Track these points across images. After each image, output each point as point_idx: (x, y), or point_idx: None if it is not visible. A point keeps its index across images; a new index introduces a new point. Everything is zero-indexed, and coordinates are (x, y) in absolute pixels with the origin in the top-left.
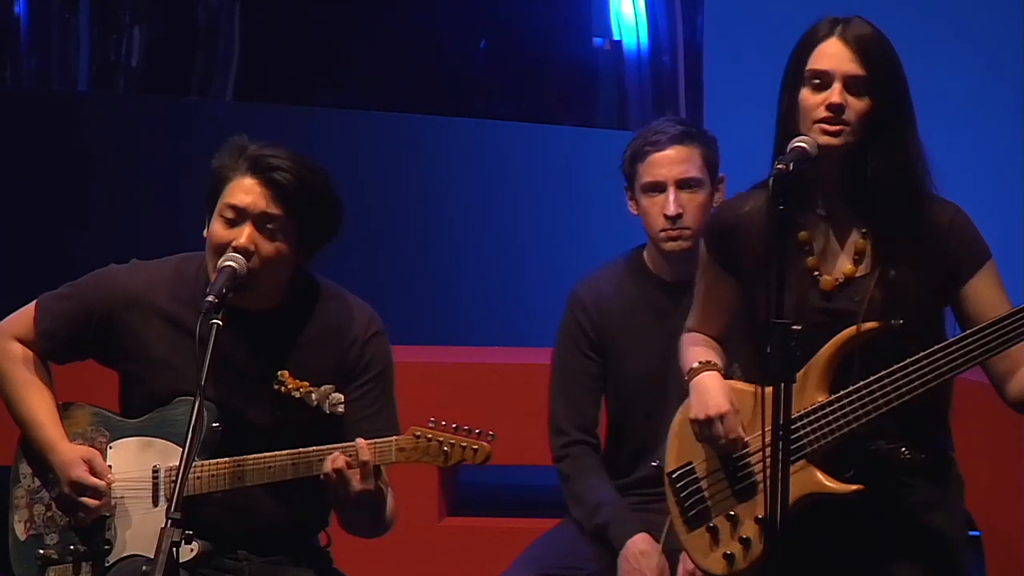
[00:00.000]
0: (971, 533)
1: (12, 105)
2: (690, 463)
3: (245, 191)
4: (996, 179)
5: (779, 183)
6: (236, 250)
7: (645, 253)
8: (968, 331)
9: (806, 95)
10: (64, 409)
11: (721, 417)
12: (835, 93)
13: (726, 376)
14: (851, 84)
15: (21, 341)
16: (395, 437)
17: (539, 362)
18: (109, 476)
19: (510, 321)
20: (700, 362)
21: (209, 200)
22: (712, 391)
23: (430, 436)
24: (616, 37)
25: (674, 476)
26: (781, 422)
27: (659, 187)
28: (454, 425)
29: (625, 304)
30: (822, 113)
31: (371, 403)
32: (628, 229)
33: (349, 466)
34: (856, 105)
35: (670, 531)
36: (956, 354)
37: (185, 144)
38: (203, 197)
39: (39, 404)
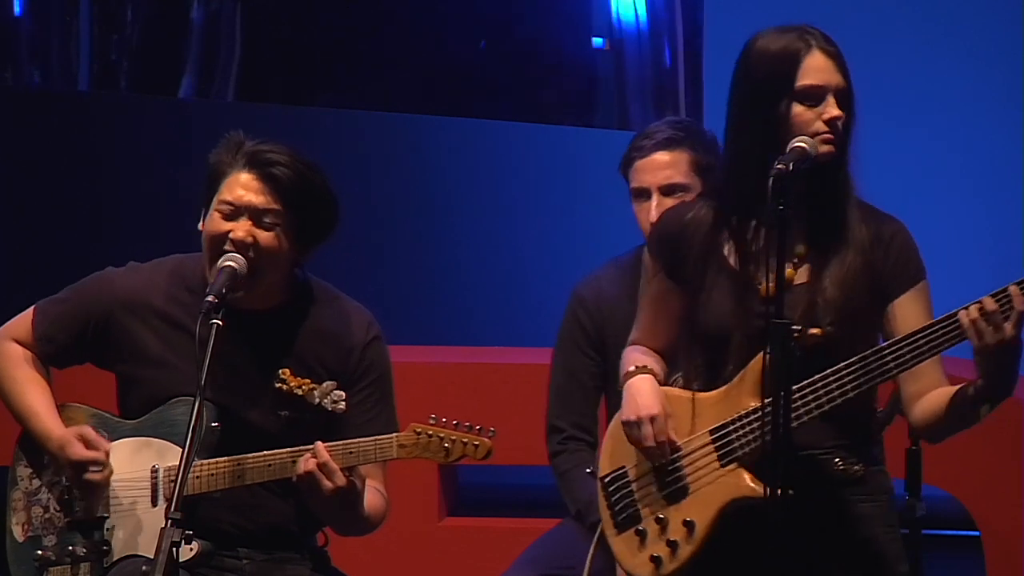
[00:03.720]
0: (971, 533)
1: (12, 105)
2: (623, 467)
3: (242, 186)
4: (996, 179)
5: (779, 183)
6: (234, 243)
7: (645, 252)
8: (885, 343)
9: (800, 111)
10: (62, 410)
11: (651, 419)
12: (833, 107)
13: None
14: (840, 97)
15: (20, 344)
16: (396, 434)
17: (540, 362)
18: (104, 444)
19: (510, 321)
20: (636, 367)
21: (206, 196)
22: (643, 394)
23: (431, 432)
24: (616, 37)
25: (606, 480)
26: (781, 426)
27: (644, 193)
28: (455, 422)
29: (626, 303)
30: (820, 127)
31: (370, 408)
32: (628, 229)
33: (319, 468)
34: (844, 118)
35: (601, 538)
36: (873, 364)
37: (185, 144)
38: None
39: (37, 397)
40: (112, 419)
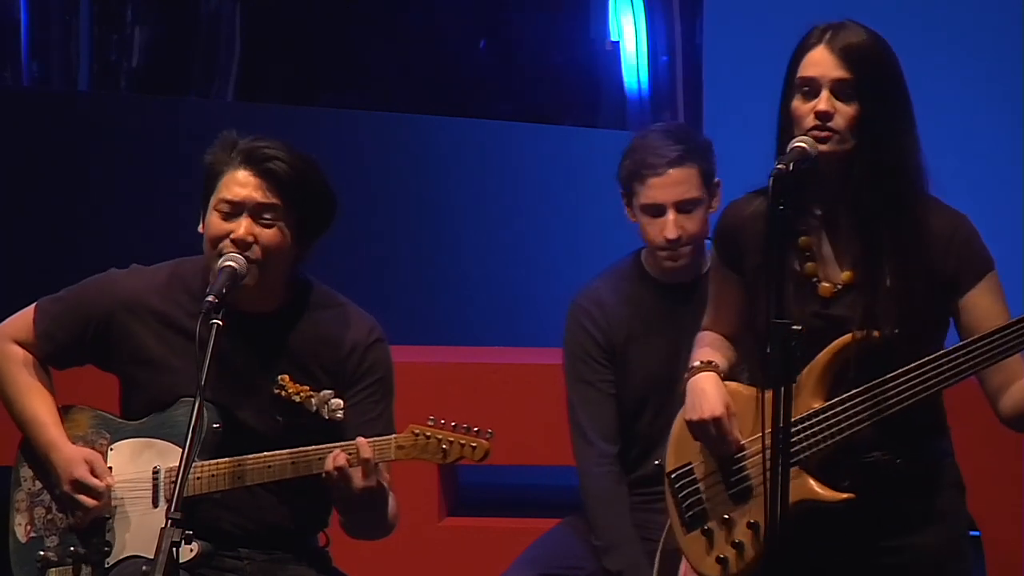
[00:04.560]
0: (972, 533)
1: (12, 105)
2: (689, 464)
3: (240, 184)
4: (996, 179)
5: (779, 183)
6: (235, 242)
7: (643, 258)
8: (960, 344)
9: (797, 104)
10: (65, 412)
11: (715, 420)
12: (822, 101)
13: (737, 377)
14: (838, 89)
15: (20, 344)
16: (394, 435)
17: (540, 362)
18: (109, 479)
19: (510, 321)
20: (701, 362)
21: (204, 196)
22: (707, 393)
23: (429, 434)
24: (615, 38)
25: (673, 476)
26: (781, 424)
27: (659, 210)
28: (453, 423)
29: (629, 309)
30: (811, 121)
31: (370, 408)
32: (628, 228)
33: (350, 464)
34: (845, 111)
35: (670, 531)
36: (946, 367)
37: (185, 144)
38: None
39: (40, 405)
40: (114, 420)
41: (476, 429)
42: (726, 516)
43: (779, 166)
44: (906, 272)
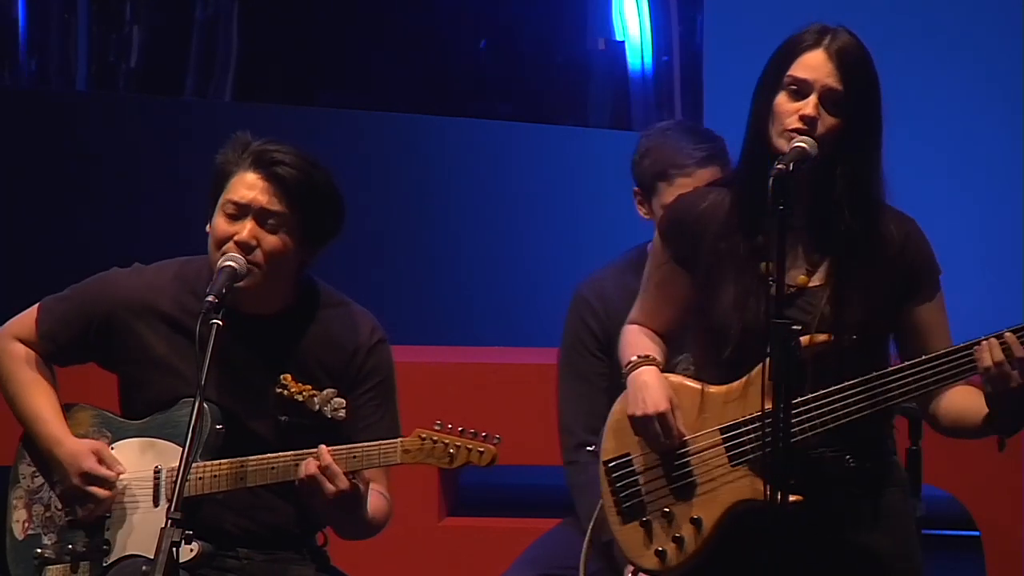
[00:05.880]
0: (971, 533)
1: (11, 105)
2: (628, 454)
3: (247, 186)
4: (996, 179)
5: (779, 183)
6: (238, 244)
7: (649, 251)
8: (924, 358)
9: (782, 100)
10: (66, 410)
11: (659, 415)
12: (810, 105)
13: (673, 368)
14: (827, 99)
15: (24, 342)
16: (400, 439)
17: (540, 362)
18: (118, 467)
19: (510, 321)
20: (639, 356)
21: (212, 195)
22: (649, 386)
23: (435, 438)
24: (616, 38)
25: (611, 466)
26: (781, 424)
27: None
28: (460, 428)
29: (629, 302)
30: (794, 123)
31: (373, 411)
32: (629, 227)
33: (321, 471)
34: (827, 121)
35: (601, 523)
36: (910, 380)
37: (184, 144)
38: (202, 197)
39: (43, 401)
40: (117, 419)
41: (484, 434)
42: (667, 509)
43: (779, 166)
44: (859, 277)
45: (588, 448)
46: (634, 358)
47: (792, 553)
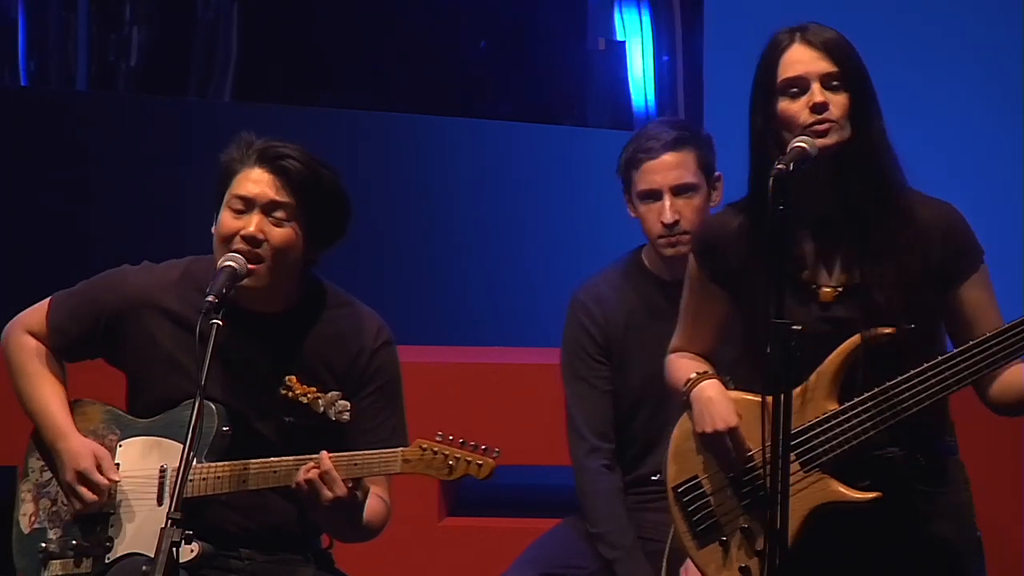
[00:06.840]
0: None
1: (11, 105)
2: (695, 477)
3: (253, 181)
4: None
5: (779, 183)
6: (245, 239)
7: (644, 254)
8: (977, 341)
9: (786, 106)
10: (77, 406)
11: (731, 430)
12: (816, 93)
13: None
14: (827, 81)
15: (34, 335)
16: (401, 449)
17: (540, 362)
18: (114, 476)
19: (510, 321)
20: (697, 373)
21: (217, 195)
22: (715, 402)
23: (436, 449)
24: (616, 38)
25: (680, 491)
26: (782, 424)
27: (655, 195)
28: (460, 440)
29: (628, 306)
30: (808, 117)
31: (377, 413)
32: (628, 228)
33: (320, 477)
34: (838, 100)
35: (673, 544)
36: (958, 369)
37: (184, 144)
38: (203, 197)
39: (51, 394)
40: (125, 417)
41: (484, 447)
42: (744, 526)
43: (779, 166)
44: (903, 268)
45: (653, 478)
46: (693, 375)
47: (869, 551)
